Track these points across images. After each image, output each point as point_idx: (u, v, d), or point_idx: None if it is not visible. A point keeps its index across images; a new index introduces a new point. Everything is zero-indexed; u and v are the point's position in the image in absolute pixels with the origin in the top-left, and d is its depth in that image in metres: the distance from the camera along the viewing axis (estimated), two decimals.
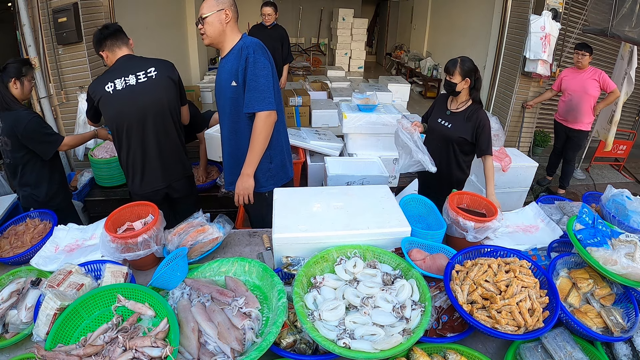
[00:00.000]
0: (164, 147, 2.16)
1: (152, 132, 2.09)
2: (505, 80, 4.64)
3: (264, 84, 1.80)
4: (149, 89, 2.03)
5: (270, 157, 2.01)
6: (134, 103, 2.02)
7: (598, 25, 4.03)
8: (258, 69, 1.79)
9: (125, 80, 1.99)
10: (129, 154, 2.11)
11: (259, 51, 1.81)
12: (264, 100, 1.80)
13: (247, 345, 1.13)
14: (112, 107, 2.01)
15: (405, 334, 1.14)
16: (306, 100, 4.62)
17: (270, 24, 4.35)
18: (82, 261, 1.54)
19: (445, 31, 7.32)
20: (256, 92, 1.79)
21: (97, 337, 1.13)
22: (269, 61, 1.84)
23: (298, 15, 9.74)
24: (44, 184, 2.21)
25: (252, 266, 1.42)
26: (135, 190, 2.20)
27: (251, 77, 1.79)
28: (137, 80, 2.01)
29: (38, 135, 2.08)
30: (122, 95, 2.00)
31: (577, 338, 1.25)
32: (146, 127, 2.08)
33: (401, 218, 1.58)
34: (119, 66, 2.04)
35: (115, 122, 2.05)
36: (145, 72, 2.03)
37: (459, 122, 2.31)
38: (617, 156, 5.02)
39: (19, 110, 2.08)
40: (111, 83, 1.99)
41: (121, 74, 2.01)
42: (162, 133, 2.13)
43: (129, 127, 2.05)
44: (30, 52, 3.27)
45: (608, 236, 1.42)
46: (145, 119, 2.06)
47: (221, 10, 1.82)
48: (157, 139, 2.12)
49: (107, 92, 1.99)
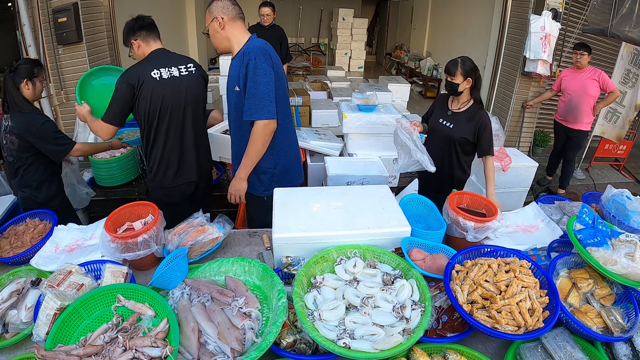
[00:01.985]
0: (198, 140, 2.20)
1: (189, 124, 2.13)
2: (505, 80, 4.64)
3: (263, 91, 1.78)
4: (189, 83, 2.08)
5: (274, 163, 2.01)
6: (178, 94, 2.04)
7: (598, 25, 4.04)
8: (258, 75, 1.77)
9: (169, 71, 2.01)
10: (166, 145, 2.10)
11: (261, 57, 1.78)
12: (263, 109, 1.79)
13: (247, 345, 1.13)
14: (156, 94, 1.98)
15: (405, 334, 1.14)
16: (306, 100, 4.62)
17: (269, 24, 4.36)
18: (82, 261, 1.54)
19: (445, 31, 7.32)
20: (255, 99, 1.79)
21: (97, 337, 1.13)
22: (272, 67, 1.81)
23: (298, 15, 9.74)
24: (44, 185, 2.21)
25: (252, 266, 1.42)
26: (167, 183, 2.16)
27: (251, 84, 1.78)
28: (180, 72, 2.04)
29: (51, 139, 2.08)
30: (166, 84, 2.00)
31: (577, 338, 1.25)
32: (186, 119, 2.11)
33: (401, 218, 1.58)
34: (157, 57, 2.03)
35: (158, 110, 2.01)
36: (186, 67, 2.08)
37: (460, 122, 2.31)
38: (617, 156, 5.02)
39: (32, 113, 2.07)
40: (157, 70, 1.98)
41: (163, 64, 2.01)
42: (197, 127, 2.18)
43: (171, 117, 2.05)
44: (30, 52, 3.27)
45: (608, 236, 1.42)
46: (185, 111, 2.09)
47: (214, 19, 1.84)
48: (194, 131, 2.17)
49: (153, 78, 1.97)
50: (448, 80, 2.29)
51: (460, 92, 2.29)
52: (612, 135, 4.72)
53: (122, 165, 3.26)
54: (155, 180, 2.18)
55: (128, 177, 3.36)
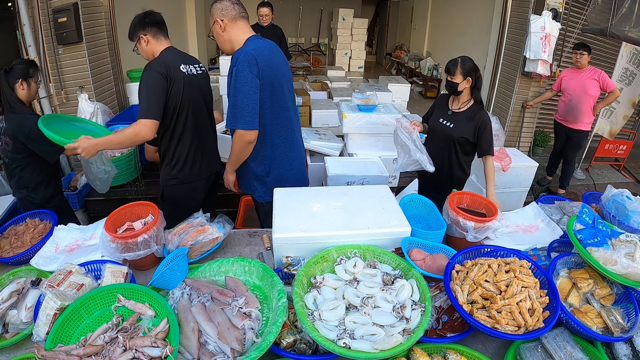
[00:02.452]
0: (212, 137, 2.27)
1: (207, 120, 2.19)
2: (505, 80, 4.64)
3: (242, 100, 1.75)
4: (204, 81, 2.13)
5: (267, 171, 2.01)
6: (199, 90, 2.08)
7: (598, 25, 4.04)
8: (239, 83, 1.74)
9: (188, 68, 2.03)
10: (194, 139, 2.09)
11: (244, 63, 1.73)
12: (240, 119, 1.77)
13: (247, 345, 1.13)
14: (186, 89, 1.97)
15: (405, 334, 1.14)
16: (306, 100, 4.62)
17: (267, 24, 4.37)
18: (82, 261, 1.54)
19: (445, 31, 7.32)
20: (233, 108, 1.78)
21: (97, 337, 1.13)
22: (256, 75, 1.74)
23: (298, 15, 9.74)
24: (41, 187, 2.20)
25: (252, 266, 1.42)
26: (192, 177, 2.13)
27: (232, 91, 1.78)
28: (196, 71, 2.07)
29: (44, 139, 2.06)
30: (190, 80, 2.01)
31: (577, 338, 1.25)
32: (207, 114, 2.18)
33: (401, 218, 1.58)
34: (172, 55, 2.00)
35: (187, 105, 2.01)
36: (199, 66, 2.12)
37: (461, 122, 2.32)
38: (617, 156, 5.02)
39: (25, 114, 2.06)
40: (185, 66, 1.99)
41: (181, 61, 2.00)
42: (210, 124, 2.25)
43: (195, 111, 2.06)
44: (30, 52, 3.27)
45: (608, 236, 1.42)
46: (205, 107, 2.15)
47: (214, 22, 1.85)
48: (212, 126, 2.26)
49: (182, 72, 1.97)
50: (448, 80, 2.29)
51: (460, 91, 2.29)
52: (605, 131, 4.73)
53: (122, 165, 3.26)
54: (180, 176, 2.11)
55: (128, 177, 3.36)
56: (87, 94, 3.44)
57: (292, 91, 2.05)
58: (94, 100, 3.51)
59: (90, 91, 3.49)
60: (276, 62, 1.88)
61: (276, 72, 1.86)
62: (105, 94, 3.76)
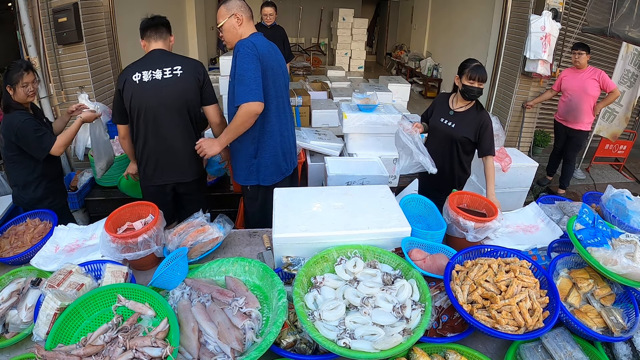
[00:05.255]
0: (179, 145, 2.19)
1: (167, 128, 2.14)
2: (505, 80, 4.64)
3: (248, 75, 1.84)
4: (172, 86, 2.07)
5: (255, 152, 2.05)
6: (156, 97, 2.06)
7: (598, 25, 4.04)
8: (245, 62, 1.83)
9: (152, 74, 2.04)
10: (146, 145, 2.15)
11: (246, 47, 1.85)
12: (249, 92, 1.84)
13: (247, 345, 1.13)
14: (135, 96, 2.05)
15: (406, 333, 1.14)
16: (306, 100, 4.62)
17: (271, 24, 4.39)
18: (82, 261, 1.54)
19: (445, 31, 7.32)
20: (242, 85, 1.85)
21: (97, 337, 1.13)
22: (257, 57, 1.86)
23: (298, 15, 9.74)
24: (30, 187, 2.22)
25: (252, 266, 1.42)
26: (146, 182, 2.26)
27: (238, 70, 1.86)
28: (163, 75, 2.05)
29: (30, 137, 2.10)
30: (146, 87, 2.04)
31: (577, 338, 1.25)
32: (164, 122, 2.12)
33: (401, 218, 1.58)
34: (149, 59, 2.08)
35: (137, 111, 2.08)
36: (172, 69, 2.07)
37: (462, 122, 2.31)
38: (617, 156, 5.02)
39: (15, 113, 2.10)
40: (139, 73, 2.04)
41: (150, 66, 2.05)
42: (178, 131, 2.17)
43: (147, 119, 2.09)
44: (30, 52, 3.27)
45: (608, 236, 1.41)
46: (164, 114, 2.10)
47: (232, 15, 1.94)
48: (173, 135, 2.16)
49: (133, 81, 2.04)
50: (477, 87, 2.20)
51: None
52: (608, 133, 4.73)
53: (122, 165, 3.25)
54: (140, 176, 2.31)
55: None
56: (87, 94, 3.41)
57: (287, 87, 2.14)
58: (94, 100, 3.50)
59: (90, 91, 3.49)
60: (274, 55, 2.00)
61: (273, 64, 1.97)
62: (105, 94, 3.76)
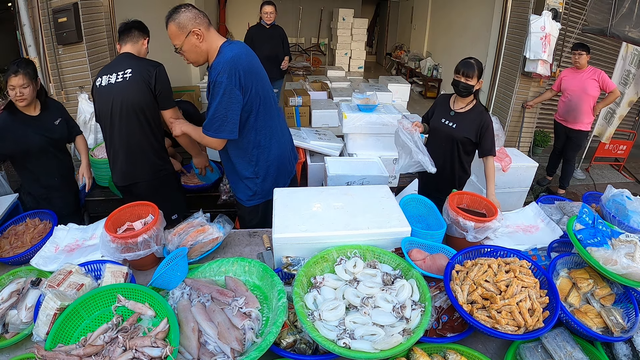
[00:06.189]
0: (130, 147, 2.16)
1: (118, 131, 2.12)
2: (505, 80, 4.64)
3: (220, 111, 1.72)
4: (120, 90, 2.04)
5: (256, 173, 1.99)
6: (108, 101, 2.07)
7: (598, 25, 4.04)
8: (217, 94, 1.69)
9: (109, 78, 2.06)
10: (110, 148, 2.23)
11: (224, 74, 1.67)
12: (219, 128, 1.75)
13: (247, 345, 1.13)
14: (96, 100, 2.14)
15: (405, 334, 1.14)
16: (306, 100, 4.63)
17: (270, 23, 4.38)
18: (82, 261, 1.54)
19: (445, 31, 7.31)
20: (212, 118, 1.74)
21: (97, 337, 1.13)
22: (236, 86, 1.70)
23: (298, 15, 9.73)
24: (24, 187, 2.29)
25: (252, 266, 1.42)
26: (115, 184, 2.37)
27: (210, 101, 1.76)
28: (116, 79, 2.05)
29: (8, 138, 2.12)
30: (102, 92, 2.08)
31: (577, 338, 1.25)
32: (114, 125, 2.11)
33: (401, 218, 1.58)
34: (113, 63, 2.13)
35: (98, 115, 2.17)
36: (123, 73, 2.04)
37: (463, 122, 2.31)
38: (617, 156, 5.02)
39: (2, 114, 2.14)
40: (100, 78, 2.10)
41: (109, 71, 2.08)
42: (128, 134, 2.12)
43: (105, 123, 2.15)
44: (30, 52, 3.27)
45: (608, 236, 1.41)
46: (115, 117, 2.09)
47: (189, 33, 1.69)
48: (124, 138, 2.13)
49: (95, 86, 2.11)
50: (463, 82, 2.22)
51: (472, 92, 2.28)
52: (605, 137, 4.74)
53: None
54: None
55: None
56: (87, 94, 3.44)
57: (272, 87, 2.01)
58: None
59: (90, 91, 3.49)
60: (255, 65, 1.83)
61: (256, 77, 1.80)
62: None
